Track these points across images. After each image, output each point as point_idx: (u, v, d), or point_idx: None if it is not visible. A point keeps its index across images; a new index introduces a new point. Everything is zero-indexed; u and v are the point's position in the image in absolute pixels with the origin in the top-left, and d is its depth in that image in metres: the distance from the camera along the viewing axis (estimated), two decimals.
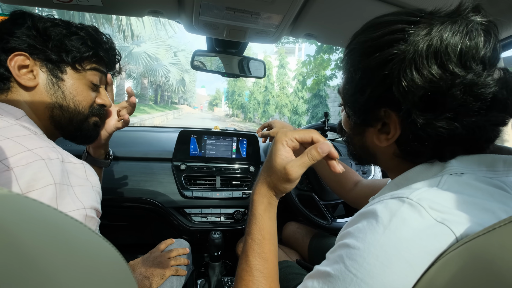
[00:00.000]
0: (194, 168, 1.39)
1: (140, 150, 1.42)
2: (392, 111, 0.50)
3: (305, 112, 14.05)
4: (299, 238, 1.28)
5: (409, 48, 0.45)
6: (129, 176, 1.31)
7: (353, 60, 0.54)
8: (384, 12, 0.86)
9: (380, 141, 0.54)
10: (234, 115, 35.75)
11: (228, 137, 1.46)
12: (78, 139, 0.80)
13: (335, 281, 0.43)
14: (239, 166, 1.45)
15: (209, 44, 1.24)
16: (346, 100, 0.59)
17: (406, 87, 0.45)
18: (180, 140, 1.41)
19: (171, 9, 0.93)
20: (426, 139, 0.48)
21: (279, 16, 0.90)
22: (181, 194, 1.33)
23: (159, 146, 1.48)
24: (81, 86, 0.74)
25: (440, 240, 0.39)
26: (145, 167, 1.36)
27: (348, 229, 0.47)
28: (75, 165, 0.60)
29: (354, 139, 0.62)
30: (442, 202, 0.41)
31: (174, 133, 1.62)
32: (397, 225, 0.40)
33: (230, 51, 1.27)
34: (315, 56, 9.42)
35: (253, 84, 24.20)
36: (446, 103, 0.44)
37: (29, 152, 0.52)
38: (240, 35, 1.03)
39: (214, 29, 1.01)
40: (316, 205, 1.27)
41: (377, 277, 0.39)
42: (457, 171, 0.47)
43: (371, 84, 0.50)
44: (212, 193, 1.35)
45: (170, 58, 24.37)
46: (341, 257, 0.44)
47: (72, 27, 0.73)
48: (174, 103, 44.21)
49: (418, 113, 0.46)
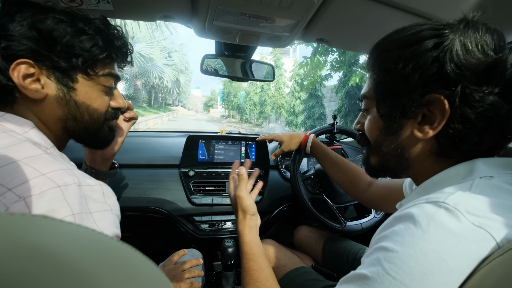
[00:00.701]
0: (203, 174, 1.37)
1: (145, 157, 1.40)
2: (440, 95, 0.50)
3: (301, 112, 14.10)
4: (312, 243, 1.27)
5: (456, 35, 0.49)
6: (135, 184, 1.28)
7: (392, 54, 0.54)
8: (397, 19, 0.88)
9: (424, 132, 0.53)
10: (230, 116, 35.76)
11: (237, 141, 1.46)
12: (94, 146, 0.77)
13: (372, 284, 0.43)
14: (248, 170, 1.43)
15: (218, 48, 1.23)
16: (381, 94, 0.58)
17: (460, 64, 0.47)
18: (188, 145, 1.39)
19: (184, 14, 0.93)
20: (475, 120, 0.49)
21: (294, 21, 0.90)
22: (189, 201, 1.31)
23: (165, 152, 1.46)
24: (95, 93, 0.67)
25: (481, 245, 0.39)
26: (151, 174, 1.34)
27: (384, 233, 0.48)
28: (93, 188, 0.54)
29: (386, 142, 0.60)
30: (477, 206, 0.41)
31: (179, 138, 1.61)
32: (436, 229, 0.41)
33: (239, 55, 1.27)
34: (311, 58, 9.49)
35: (249, 85, 24.23)
36: (501, 77, 0.48)
37: (42, 177, 0.48)
38: (253, 40, 1.03)
39: (226, 34, 1.00)
40: (328, 208, 1.26)
41: (417, 279, 0.39)
42: (486, 174, 0.48)
43: (419, 69, 0.51)
44: (222, 199, 1.34)
45: (165, 59, 24.31)
46: (378, 260, 0.44)
47: (78, 22, 0.63)
48: (168, 105, 44.08)
49: (474, 88, 0.47)
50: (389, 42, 0.56)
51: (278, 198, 1.44)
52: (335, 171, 1.14)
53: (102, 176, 0.91)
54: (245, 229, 0.82)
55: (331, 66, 9.37)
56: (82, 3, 0.82)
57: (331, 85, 11.79)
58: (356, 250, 1.15)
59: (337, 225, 1.22)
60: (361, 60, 8.98)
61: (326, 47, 8.90)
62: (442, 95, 0.49)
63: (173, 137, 1.66)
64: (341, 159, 1.15)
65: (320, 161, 1.20)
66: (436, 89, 0.50)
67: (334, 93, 11.04)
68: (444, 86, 0.49)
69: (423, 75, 0.50)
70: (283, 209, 1.43)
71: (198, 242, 1.33)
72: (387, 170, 0.65)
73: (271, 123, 21.69)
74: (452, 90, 0.48)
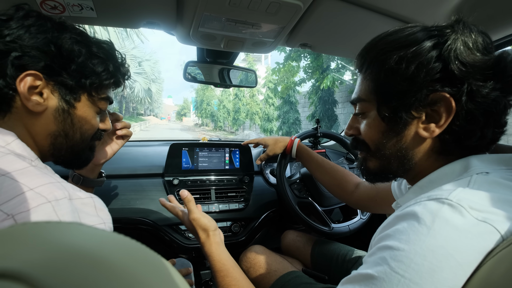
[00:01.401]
0: (188, 182, 1.36)
1: (128, 167, 1.37)
2: (446, 93, 0.51)
3: (276, 118, 14.24)
4: (300, 247, 1.29)
5: (456, 33, 0.51)
6: (118, 195, 1.25)
7: (392, 55, 0.54)
8: (379, 24, 0.92)
9: (429, 131, 0.54)
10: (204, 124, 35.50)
11: (220, 148, 1.45)
12: (73, 166, 0.74)
13: (380, 283, 0.43)
14: (233, 177, 1.44)
15: (199, 54, 1.24)
16: (385, 98, 0.57)
17: (465, 61, 0.49)
18: (171, 153, 1.37)
19: (168, 21, 0.93)
20: (479, 116, 0.51)
21: (279, 26, 0.92)
22: None
23: (147, 161, 1.43)
24: (91, 114, 0.69)
25: (486, 238, 0.40)
26: (135, 184, 1.31)
27: (386, 232, 0.48)
28: (84, 201, 0.53)
29: (388, 144, 0.59)
30: (479, 202, 0.43)
31: (161, 147, 1.59)
32: (441, 226, 0.42)
33: (220, 61, 1.28)
34: (284, 64, 9.64)
35: (222, 93, 24.22)
36: (504, 73, 0.50)
37: (31, 192, 0.46)
38: (238, 46, 1.04)
39: (211, 40, 1.01)
40: (316, 212, 1.28)
41: (426, 276, 0.40)
42: (482, 170, 0.49)
43: (423, 68, 0.52)
44: (208, 207, 1.33)
45: (135, 68, 23.86)
46: (384, 259, 0.44)
47: (92, 45, 0.66)
48: (140, 115, 43.25)
49: (480, 85, 0.50)
50: (387, 44, 0.56)
51: (263, 204, 1.44)
52: (321, 173, 1.15)
53: (89, 184, 0.90)
54: (212, 247, 0.81)
55: (304, 71, 9.56)
56: (64, 10, 0.80)
57: (304, 91, 12.01)
58: (345, 252, 1.17)
59: (325, 228, 1.24)
60: (333, 65, 9.22)
61: (299, 53, 9.08)
62: (448, 93, 0.51)
63: (155, 146, 1.63)
64: (327, 162, 1.16)
65: (306, 164, 1.21)
66: (442, 87, 0.51)
67: (307, 99, 11.25)
68: (450, 84, 0.51)
69: (428, 74, 0.51)
70: (269, 215, 1.44)
71: (184, 251, 1.31)
72: (387, 173, 0.64)
73: (246, 130, 21.73)
74: (458, 87, 0.50)
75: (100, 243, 0.20)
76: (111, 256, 0.19)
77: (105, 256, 0.19)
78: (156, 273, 0.21)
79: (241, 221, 1.40)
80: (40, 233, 0.20)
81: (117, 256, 0.19)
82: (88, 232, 0.22)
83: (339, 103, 10.09)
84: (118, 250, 0.20)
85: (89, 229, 0.22)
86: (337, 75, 8.80)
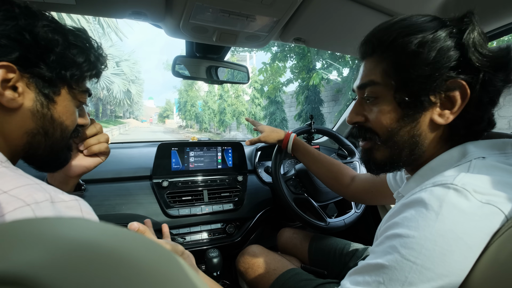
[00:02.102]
0: (178, 184, 1.33)
1: (112, 170, 1.31)
2: (462, 80, 0.53)
3: (263, 118, 14.27)
4: (297, 244, 1.29)
5: (474, 26, 0.53)
6: (101, 201, 1.18)
7: (413, 39, 0.54)
8: (374, 19, 0.93)
9: (445, 117, 0.55)
10: (188, 126, 35.19)
11: (212, 147, 1.43)
12: (49, 167, 0.69)
13: (391, 272, 0.44)
14: (226, 177, 1.42)
15: (189, 49, 1.21)
16: (405, 82, 0.56)
17: (482, 51, 0.52)
18: (160, 154, 1.34)
19: (157, 11, 0.89)
20: (489, 103, 0.55)
21: (274, 19, 0.91)
22: (165, 214, 1.25)
23: (132, 163, 1.38)
24: (72, 108, 0.64)
25: (491, 219, 0.42)
26: (120, 189, 1.25)
27: (394, 220, 0.49)
28: (68, 204, 0.48)
29: (402, 131, 0.58)
30: (481, 185, 0.45)
31: (147, 148, 1.55)
32: (449, 210, 0.43)
33: (211, 57, 1.25)
34: (270, 64, 9.67)
35: (206, 94, 24.09)
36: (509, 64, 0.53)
37: (5, 195, 0.42)
38: (231, 40, 1.02)
39: (202, 33, 0.99)
40: (311, 207, 1.28)
41: (438, 261, 0.42)
42: (479, 156, 0.52)
43: (444, 54, 0.53)
44: (201, 209, 1.30)
45: (112, 68, 23.40)
46: (393, 247, 0.46)
47: (67, 33, 0.60)
48: (118, 117, 42.45)
49: (493, 75, 0.52)
50: (404, 27, 0.56)
51: (258, 202, 1.43)
52: (318, 167, 1.16)
53: None
54: None
55: (291, 71, 9.63)
56: None
57: (290, 91, 12.10)
58: (341, 246, 1.19)
59: (321, 223, 1.24)
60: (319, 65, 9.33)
61: (285, 54, 9.14)
62: (465, 81, 0.53)
63: (140, 147, 1.59)
64: (323, 155, 1.18)
65: (303, 159, 1.21)
66: (458, 74, 0.53)
67: (294, 99, 11.33)
68: (466, 72, 0.53)
69: (448, 60, 0.53)
70: (264, 214, 1.43)
71: None
72: (396, 163, 0.62)
73: (233, 131, 21.67)
74: (474, 76, 0.52)
75: (117, 239, 0.19)
76: (132, 253, 0.17)
77: (126, 253, 0.17)
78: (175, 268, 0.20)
79: (235, 221, 1.38)
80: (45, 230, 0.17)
81: (138, 252, 0.18)
82: (98, 227, 0.20)
83: (325, 103, 10.20)
84: (137, 246, 0.19)
85: (99, 225, 0.20)
86: (326, 72, 8.90)
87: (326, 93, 10.41)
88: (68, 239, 0.17)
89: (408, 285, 0.42)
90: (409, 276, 0.43)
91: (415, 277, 0.42)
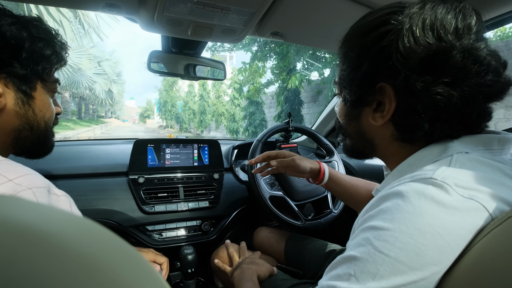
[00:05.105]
0: (154, 180, 1.28)
1: (88, 165, 1.27)
2: (388, 84, 0.51)
3: (242, 119, 14.23)
4: (273, 243, 1.25)
5: (405, 19, 0.48)
6: (78, 196, 1.14)
7: (351, 42, 0.56)
8: (355, 13, 0.90)
9: (376, 119, 0.55)
10: (168, 126, 34.73)
11: (189, 144, 1.39)
12: (38, 155, 0.71)
13: (363, 264, 0.42)
14: (202, 174, 1.38)
15: (164, 44, 1.16)
16: (342, 81, 0.60)
17: (405, 53, 0.47)
18: (136, 150, 1.29)
19: (130, 3, 0.85)
20: (422, 110, 0.48)
21: (250, 12, 0.88)
22: (141, 210, 1.21)
23: (109, 159, 1.34)
24: (48, 100, 0.66)
25: (474, 216, 0.39)
26: (96, 184, 1.22)
27: (369, 213, 0.46)
28: (60, 198, 0.51)
29: (350, 126, 0.63)
30: (463, 179, 0.42)
31: (124, 145, 1.50)
32: (428, 204, 0.40)
33: (187, 52, 1.21)
34: (250, 64, 9.61)
35: (187, 94, 23.86)
36: (445, 66, 0.46)
37: (10, 183, 0.44)
38: (206, 33, 0.98)
39: (177, 27, 0.94)
40: (287, 206, 1.25)
41: (412, 255, 0.39)
42: (462, 150, 0.48)
43: (368, 58, 0.52)
44: (176, 206, 1.26)
45: (94, 68, 22.84)
46: (367, 239, 0.43)
47: (30, 27, 0.60)
48: (100, 117, 41.63)
49: (416, 78, 0.47)
50: (354, 29, 0.57)
51: (234, 201, 1.40)
52: (351, 195, 0.99)
53: None
54: None
55: (271, 72, 9.59)
56: None
57: (270, 91, 12.09)
58: (318, 246, 1.15)
59: (297, 222, 1.21)
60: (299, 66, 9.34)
61: (265, 53, 9.09)
62: (389, 84, 0.50)
63: (117, 144, 1.54)
64: (354, 180, 1.02)
65: (335, 188, 1.02)
66: (384, 78, 0.51)
67: (274, 99, 11.33)
68: (390, 75, 0.50)
69: (372, 64, 0.52)
70: (240, 212, 1.40)
71: None
72: (358, 152, 0.66)
73: (212, 132, 21.54)
74: (395, 79, 0.49)
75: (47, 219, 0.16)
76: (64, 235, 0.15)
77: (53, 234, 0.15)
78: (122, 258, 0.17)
79: (211, 219, 1.35)
80: None
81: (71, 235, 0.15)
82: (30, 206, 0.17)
83: (305, 103, 10.25)
84: (71, 229, 0.16)
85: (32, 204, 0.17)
86: (306, 72, 8.89)
87: (306, 94, 10.47)
88: None
89: (380, 278, 0.40)
90: (381, 269, 0.40)
91: (387, 270, 0.40)
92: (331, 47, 1.22)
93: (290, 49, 8.59)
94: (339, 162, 1.41)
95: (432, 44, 0.45)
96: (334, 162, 1.41)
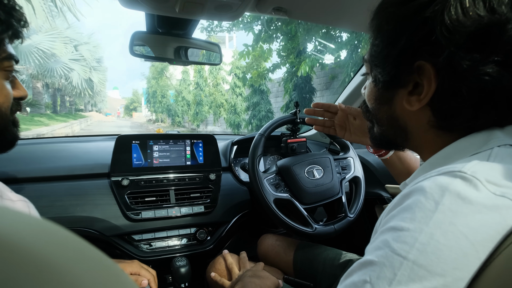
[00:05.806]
0: (140, 183, 1.30)
1: (64, 166, 1.29)
2: (428, 63, 0.50)
3: (244, 111, 14.19)
4: (281, 252, 1.27)
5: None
6: (52, 201, 1.16)
7: (386, 13, 0.55)
8: None
9: (411, 104, 0.55)
10: (159, 120, 34.86)
11: (180, 140, 1.40)
12: None
13: (379, 269, 0.43)
14: (196, 175, 1.39)
15: (149, 23, 1.17)
16: (373, 59, 0.60)
17: (451, 26, 0.46)
18: (118, 148, 1.31)
19: None
20: (466, 93, 0.48)
21: None
22: (126, 217, 1.23)
23: (88, 159, 1.36)
24: (0, 82, 0.64)
25: (504, 214, 0.40)
26: (73, 188, 1.23)
27: (392, 213, 0.48)
28: (16, 204, 0.51)
29: (380, 111, 0.63)
30: (498, 175, 0.42)
31: (106, 142, 1.52)
32: (452, 200, 0.41)
33: (176, 33, 1.22)
34: (253, 46, 9.47)
35: (180, 82, 23.85)
36: (498, 43, 0.45)
37: None
38: (197, 10, 0.99)
39: (163, 2, 0.95)
40: (296, 211, 1.26)
41: (432, 257, 0.40)
42: (505, 143, 0.48)
43: (407, 32, 0.51)
44: (167, 212, 1.28)
45: (71, 53, 22.88)
46: (385, 242, 0.44)
47: None
48: (79, 111, 42.00)
49: (462, 55, 0.47)
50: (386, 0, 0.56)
51: (234, 205, 1.42)
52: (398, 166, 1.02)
53: None
54: None
55: (278, 54, 9.44)
56: None
57: (277, 78, 12.01)
58: (332, 255, 1.16)
59: (307, 229, 1.22)
60: (310, 47, 9.20)
61: (270, 33, 8.98)
62: (430, 63, 0.50)
63: (98, 141, 1.56)
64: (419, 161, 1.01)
65: (395, 166, 1.04)
66: (425, 55, 0.50)
67: (281, 87, 11.25)
68: (431, 52, 0.50)
69: (411, 39, 0.51)
70: (240, 218, 1.41)
71: None
72: (389, 141, 0.67)
73: (209, 126, 21.58)
74: (438, 56, 0.49)
75: None
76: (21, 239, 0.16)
77: None
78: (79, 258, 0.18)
79: (207, 226, 1.37)
80: None
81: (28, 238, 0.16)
82: None
83: (317, 91, 10.19)
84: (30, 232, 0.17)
85: None
86: (318, 55, 8.74)
87: (319, 80, 10.40)
88: None
89: (397, 283, 0.40)
90: (398, 273, 0.41)
91: (405, 275, 0.40)
92: (344, 24, 1.22)
93: (299, 27, 8.46)
94: (356, 159, 1.41)
95: (483, 17, 0.45)
96: (350, 158, 1.41)
